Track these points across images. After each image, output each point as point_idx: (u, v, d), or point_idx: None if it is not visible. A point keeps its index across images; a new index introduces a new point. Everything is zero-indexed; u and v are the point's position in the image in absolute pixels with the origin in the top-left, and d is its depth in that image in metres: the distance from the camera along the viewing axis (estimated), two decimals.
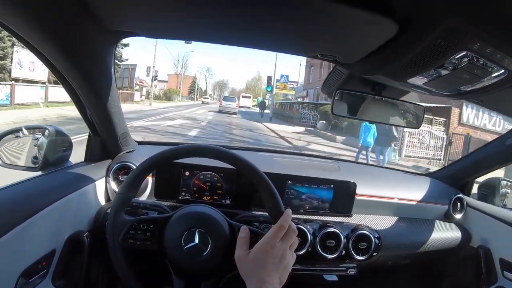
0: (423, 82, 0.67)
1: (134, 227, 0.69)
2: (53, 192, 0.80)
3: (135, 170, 0.69)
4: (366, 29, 0.55)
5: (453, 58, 0.53)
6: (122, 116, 1.02)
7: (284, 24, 0.58)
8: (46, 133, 1.01)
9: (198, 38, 0.73)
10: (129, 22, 0.66)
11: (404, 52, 0.57)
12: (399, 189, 1.23)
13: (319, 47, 0.69)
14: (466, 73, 0.58)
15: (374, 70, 0.70)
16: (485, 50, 0.50)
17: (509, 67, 0.55)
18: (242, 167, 0.69)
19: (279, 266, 0.56)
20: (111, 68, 0.83)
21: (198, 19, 0.61)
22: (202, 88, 61.54)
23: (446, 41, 0.49)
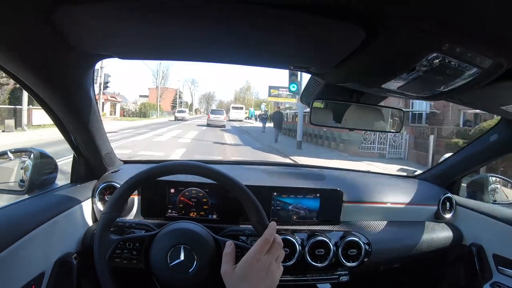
0: (398, 87, 0.68)
1: (120, 246, 0.68)
2: (39, 214, 0.79)
3: (119, 189, 0.69)
4: (334, 38, 0.55)
5: (424, 60, 0.54)
6: (105, 137, 1.02)
7: (256, 39, 0.59)
8: (31, 156, 1.01)
9: (172, 57, 0.73)
10: (101, 46, 0.67)
11: (374, 58, 0.58)
12: (387, 193, 1.23)
13: (291, 60, 0.69)
14: (439, 75, 0.58)
15: (347, 78, 0.71)
16: (455, 50, 0.51)
17: (482, 65, 0.55)
18: (224, 182, 0.69)
19: (266, 280, 0.56)
20: (90, 90, 0.83)
21: (169, 39, 0.62)
22: (188, 102, 57.86)
23: (415, 44, 0.50)
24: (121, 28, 0.57)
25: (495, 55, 0.53)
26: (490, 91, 0.69)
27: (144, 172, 0.69)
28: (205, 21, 0.52)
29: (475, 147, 1.23)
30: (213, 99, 67.28)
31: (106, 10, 0.49)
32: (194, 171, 0.70)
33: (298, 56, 0.67)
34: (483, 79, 0.61)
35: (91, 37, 0.61)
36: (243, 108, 36.08)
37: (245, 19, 0.51)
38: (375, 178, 1.44)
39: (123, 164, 1.21)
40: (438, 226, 1.24)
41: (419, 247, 1.16)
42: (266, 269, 0.56)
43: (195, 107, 63.46)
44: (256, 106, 47.13)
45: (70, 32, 0.57)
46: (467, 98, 0.78)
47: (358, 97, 0.86)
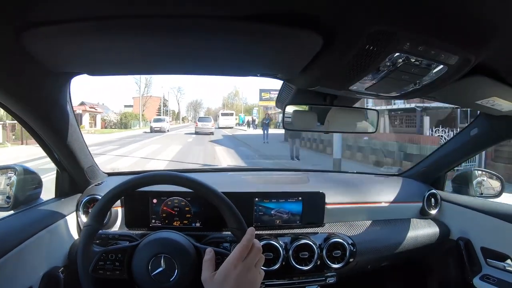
0: (366, 88, 0.68)
1: (103, 257, 0.69)
2: (25, 230, 0.80)
3: (99, 201, 0.70)
4: (295, 45, 0.56)
5: (387, 61, 0.54)
6: (86, 150, 1.03)
7: (223, 51, 0.60)
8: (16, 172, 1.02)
9: (142, 72, 0.75)
10: (72, 64, 0.68)
11: (335, 62, 0.58)
12: (371, 193, 1.24)
13: (258, 68, 0.71)
14: (404, 74, 0.59)
15: (314, 82, 0.72)
16: (417, 49, 0.51)
17: (448, 62, 0.55)
18: (200, 190, 0.70)
19: (246, 286, 0.56)
20: (67, 106, 0.84)
21: (139, 54, 0.63)
22: (174, 111, 55.68)
23: (375, 45, 0.50)
24: (90, 47, 0.58)
25: (461, 50, 0.54)
26: (463, 86, 0.69)
27: (122, 184, 0.70)
28: (173, 35, 0.53)
29: (456, 142, 1.24)
30: (201, 106, 65.76)
31: (74, 31, 0.50)
32: (171, 181, 0.71)
33: (264, 64, 0.69)
34: (453, 75, 0.61)
35: (61, 56, 0.62)
36: (233, 114, 33.52)
37: (211, 33, 0.52)
38: (359, 178, 1.45)
39: (107, 177, 1.22)
40: (424, 222, 1.25)
41: (406, 245, 1.17)
42: (245, 274, 0.57)
43: (183, 115, 61.72)
44: (246, 111, 44.66)
45: (40, 52, 0.58)
46: (440, 95, 0.79)
47: (332, 100, 0.86)
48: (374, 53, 0.52)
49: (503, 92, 0.74)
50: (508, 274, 1.05)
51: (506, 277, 1.06)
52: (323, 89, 0.76)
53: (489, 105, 0.84)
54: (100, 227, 0.70)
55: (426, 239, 1.21)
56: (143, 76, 39.37)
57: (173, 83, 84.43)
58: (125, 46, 0.58)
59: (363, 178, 1.47)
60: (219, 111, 38.42)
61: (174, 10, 0.46)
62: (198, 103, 65.31)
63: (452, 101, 0.95)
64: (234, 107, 49.72)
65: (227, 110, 37.97)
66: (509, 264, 1.06)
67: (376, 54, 0.52)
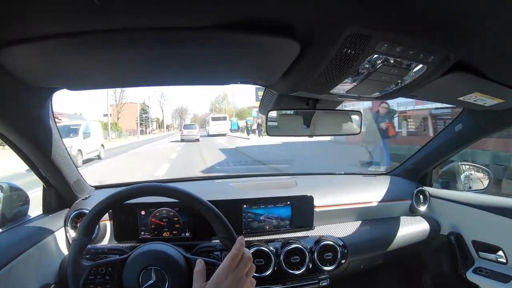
0: (347, 90, 0.69)
1: (93, 272, 0.68)
2: (13, 248, 0.79)
3: (87, 215, 0.69)
4: (272, 53, 0.56)
5: (366, 63, 0.54)
6: (71, 165, 1.02)
7: (201, 61, 0.60)
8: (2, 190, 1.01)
9: (121, 85, 0.75)
10: (51, 81, 0.68)
11: (313, 67, 0.58)
12: (359, 193, 1.24)
13: (237, 75, 0.71)
14: (384, 75, 0.59)
15: (295, 87, 0.72)
16: (396, 50, 0.51)
17: (427, 61, 0.56)
18: (187, 201, 0.70)
19: None
20: (49, 121, 0.84)
21: (117, 68, 0.63)
22: (159, 118, 50.54)
23: (352, 48, 0.50)
24: (67, 62, 0.58)
25: (440, 49, 0.54)
26: (444, 83, 0.70)
27: (110, 197, 0.69)
28: (151, 48, 0.53)
29: (442, 138, 1.26)
30: (187, 113, 59.91)
31: (51, 47, 0.50)
32: (157, 192, 0.70)
33: (243, 72, 0.69)
34: (433, 73, 0.62)
35: (40, 72, 0.62)
36: (226, 118, 27.18)
37: (188, 44, 0.52)
38: (347, 179, 1.46)
39: (94, 190, 1.20)
40: (414, 219, 1.26)
41: (397, 243, 1.17)
42: (236, 284, 0.56)
43: (168, 123, 56.96)
44: (237, 116, 39.57)
45: (19, 69, 0.58)
46: (422, 93, 0.79)
47: (314, 104, 0.87)
48: (352, 56, 0.52)
49: (484, 87, 0.75)
50: (500, 266, 1.07)
51: (499, 268, 1.07)
52: (303, 93, 0.76)
53: (472, 101, 0.85)
54: (89, 241, 0.69)
55: (417, 236, 1.22)
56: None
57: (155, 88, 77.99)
58: (103, 60, 0.58)
59: (351, 179, 1.48)
60: (208, 116, 32.48)
61: (151, 22, 0.46)
62: (183, 110, 59.61)
63: (434, 99, 0.97)
64: (224, 111, 42.83)
65: (218, 114, 31.46)
66: (501, 256, 1.07)
67: (354, 57, 0.53)
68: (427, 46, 0.53)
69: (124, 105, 37.86)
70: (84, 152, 8.60)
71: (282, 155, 9.22)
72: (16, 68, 0.58)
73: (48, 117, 0.83)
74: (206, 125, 31.20)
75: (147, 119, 42.44)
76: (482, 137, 1.18)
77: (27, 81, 0.64)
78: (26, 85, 0.66)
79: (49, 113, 0.83)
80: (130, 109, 38.24)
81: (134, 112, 39.02)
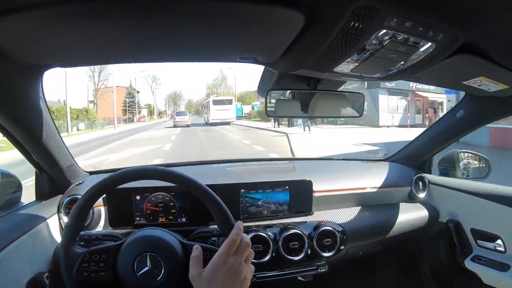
0: (351, 69, 0.67)
1: (87, 259, 0.66)
2: (5, 236, 0.77)
3: (80, 200, 0.67)
4: (275, 26, 0.54)
5: (373, 38, 0.52)
6: (64, 149, 0.99)
7: (198, 34, 0.58)
8: None
9: (114, 61, 0.72)
10: (41, 55, 0.65)
11: (318, 41, 0.56)
12: (358, 179, 1.23)
13: (237, 51, 0.68)
14: (391, 52, 0.57)
15: (297, 64, 0.70)
16: (405, 25, 0.49)
17: (436, 39, 0.54)
18: (185, 184, 0.67)
19: (236, 282, 0.54)
20: (39, 102, 0.81)
21: (109, 42, 0.60)
22: (151, 105, 46.62)
23: (360, 22, 0.48)
24: (58, 34, 0.55)
25: (449, 27, 0.52)
26: (449, 66, 0.68)
27: (102, 180, 0.67)
28: (145, 20, 0.50)
29: (442, 124, 1.24)
30: (181, 98, 56.67)
31: (40, 17, 0.47)
32: (154, 176, 0.68)
33: (243, 47, 0.66)
34: (440, 54, 0.60)
35: (28, 47, 0.59)
36: (232, 101, 21.18)
37: (186, 15, 0.49)
38: (346, 165, 1.45)
39: (88, 175, 1.18)
40: (413, 206, 1.26)
41: (396, 229, 1.17)
42: (234, 270, 0.54)
43: (161, 109, 52.58)
44: (240, 100, 35.18)
45: (6, 43, 0.55)
46: (426, 76, 0.78)
47: (315, 84, 0.85)
48: (359, 31, 0.50)
49: (490, 71, 0.73)
50: (498, 254, 1.06)
51: (497, 257, 1.06)
52: (306, 72, 0.73)
53: (476, 86, 0.84)
54: (82, 227, 0.67)
55: (416, 223, 1.21)
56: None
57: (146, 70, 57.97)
58: (93, 32, 0.55)
59: (350, 164, 1.47)
60: (207, 100, 25.01)
61: None
62: (177, 95, 56.01)
63: (438, 82, 0.94)
64: (223, 95, 35.51)
65: (222, 97, 24.37)
66: (499, 244, 1.07)
67: (361, 32, 0.50)
68: (437, 24, 0.51)
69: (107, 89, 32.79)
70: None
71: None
72: (3, 43, 0.55)
73: (39, 98, 0.80)
74: (204, 111, 26.11)
75: (134, 105, 36.49)
76: (483, 124, 1.17)
77: (16, 57, 0.61)
78: (15, 63, 0.63)
79: (39, 94, 0.80)
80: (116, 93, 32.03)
81: (120, 97, 34.39)
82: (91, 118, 24.82)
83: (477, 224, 1.13)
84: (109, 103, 31.41)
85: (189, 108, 52.55)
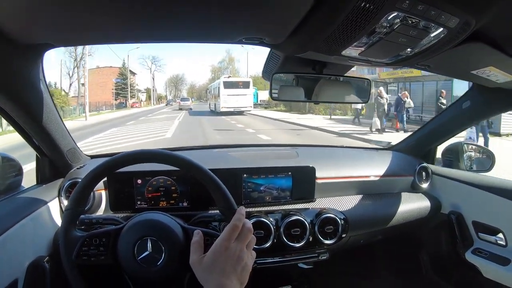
0: (359, 53, 0.65)
1: (87, 243, 0.66)
2: (5, 219, 0.76)
3: (80, 184, 0.66)
4: (283, 3, 0.52)
5: (384, 21, 0.51)
6: (65, 132, 0.98)
7: (202, 13, 0.56)
8: None
9: (117, 40, 0.70)
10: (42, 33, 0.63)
11: (328, 22, 0.54)
12: (361, 167, 1.22)
13: (243, 31, 0.66)
14: (402, 36, 0.55)
15: (304, 46, 0.68)
16: (417, 8, 0.48)
17: (448, 25, 0.52)
18: (187, 168, 0.67)
19: (237, 268, 0.53)
20: (40, 84, 0.80)
21: (112, 21, 0.58)
22: (150, 89, 41.04)
23: (371, 2, 0.46)
24: (57, 12, 0.53)
25: (462, 12, 0.51)
26: (459, 54, 0.67)
27: (104, 163, 0.66)
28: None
29: (447, 115, 1.23)
30: (183, 82, 52.76)
31: None
32: (156, 159, 0.67)
33: (248, 27, 0.64)
34: (451, 40, 0.59)
35: (27, 25, 0.58)
36: (249, 84, 16.45)
37: None
38: (349, 153, 1.44)
39: (89, 159, 1.17)
40: (416, 196, 1.25)
41: (397, 218, 1.16)
42: (236, 256, 0.54)
43: (160, 93, 48.23)
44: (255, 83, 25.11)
45: (5, 22, 0.54)
46: (435, 63, 0.76)
47: (321, 68, 0.83)
48: (370, 12, 0.48)
49: (500, 61, 0.72)
50: (499, 248, 1.06)
51: (498, 250, 1.06)
52: (313, 54, 0.72)
53: (485, 76, 0.82)
54: (82, 211, 0.67)
55: (418, 213, 1.21)
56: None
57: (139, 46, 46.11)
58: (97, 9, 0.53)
59: (353, 152, 1.46)
60: (216, 82, 19.62)
61: None
62: (179, 79, 52.18)
63: (446, 71, 0.93)
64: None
65: (236, 78, 19.38)
66: (501, 238, 1.07)
67: (372, 13, 0.49)
68: (450, 8, 0.49)
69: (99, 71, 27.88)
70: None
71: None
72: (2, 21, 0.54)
73: (39, 80, 0.79)
74: (210, 96, 20.89)
75: (127, 87, 30.21)
76: (489, 116, 1.16)
77: (15, 36, 0.60)
78: (14, 42, 0.62)
79: (39, 75, 0.78)
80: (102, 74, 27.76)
81: (108, 79, 28.80)
82: (60, 103, 18.30)
83: (479, 217, 1.13)
84: (101, 86, 27.99)
85: (191, 94, 51.00)
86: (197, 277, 0.55)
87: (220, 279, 0.52)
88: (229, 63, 42.49)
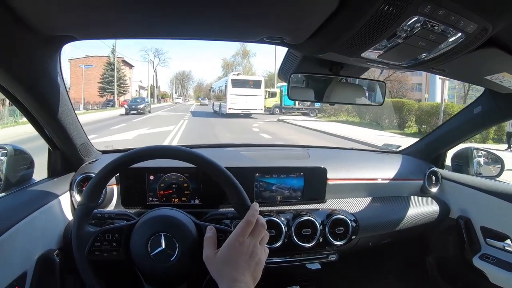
0: (378, 55, 0.66)
1: (99, 238, 0.66)
2: (16, 212, 0.76)
3: (93, 179, 0.66)
4: (307, 5, 0.52)
5: (405, 24, 0.51)
6: (79, 126, 0.99)
7: (225, 10, 0.56)
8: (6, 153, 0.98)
9: (140, 36, 0.70)
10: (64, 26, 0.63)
11: (350, 24, 0.55)
12: (371, 169, 1.22)
13: (264, 30, 0.66)
14: (421, 40, 0.56)
15: (325, 47, 0.68)
16: (438, 13, 0.48)
17: (466, 30, 0.53)
18: (202, 165, 0.67)
19: (251, 263, 0.54)
20: (57, 77, 0.80)
21: (136, 16, 0.59)
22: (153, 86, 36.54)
23: (394, 6, 0.47)
24: (82, 5, 0.53)
25: (480, 18, 0.51)
26: (474, 59, 0.68)
27: (117, 159, 0.66)
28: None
29: (458, 120, 1.23)
30: (190, 79, 48.44)
31: None
32: (172, 155, 0.67)
33: (271, 26, 0.64)
34: (467, 46, 0.59)
35: (52, 16, 0.58)
36: (260, 84, 14.74)
37: None
38: (359, 155, 1.44)
39: (101, 154, 1.17)
40: (425, 200, 1.25)
41: (406, 222, 1.16)
42: (250, 252, 0.54)
43: (164, 91, 43.96)
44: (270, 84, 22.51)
45: (29, 13, 0.54)
46: (450, 68, 0.76)
47: (338, 70, 0.83)
48: (392, 16, 0.49)
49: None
50: (507, 254, 1.06)
51: (506, 257, 1.06)
52: (332, 56, 0.72)
53: (498, 82, 0.83)
54: (95, 206, 0.67)
55: (427, 217, 1.21)
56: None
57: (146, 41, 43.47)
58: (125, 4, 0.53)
59: (363, 154, 1.47)
60: (222, 80, 17.87)
61: None
62: (186, 75, 47.05)
63: (460, 75, 0.93)
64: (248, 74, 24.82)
65: (245, 76, 16.98)
66: (509, 244, 1.06)
67: (394, 17, 0.49)
68: (469, 14, 0.50)
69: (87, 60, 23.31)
70: None
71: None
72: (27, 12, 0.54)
73: (56, 73, 0.79)
74: (214, 95, 18.94)
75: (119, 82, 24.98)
76: (501, 122, 1.16)
77: (38, 27, 0.60)
78: (36, 33, 0.62)
79: (57, 68, 0.79)
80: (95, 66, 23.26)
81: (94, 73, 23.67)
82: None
83: (488, 222, 1.13)
84: (89, 80, 22.69)
85: (198, 93, 48.80)
86: (210, 272, 0.56)
87: (234, 274, 0.52)
88: (243, 56, 36.81)
